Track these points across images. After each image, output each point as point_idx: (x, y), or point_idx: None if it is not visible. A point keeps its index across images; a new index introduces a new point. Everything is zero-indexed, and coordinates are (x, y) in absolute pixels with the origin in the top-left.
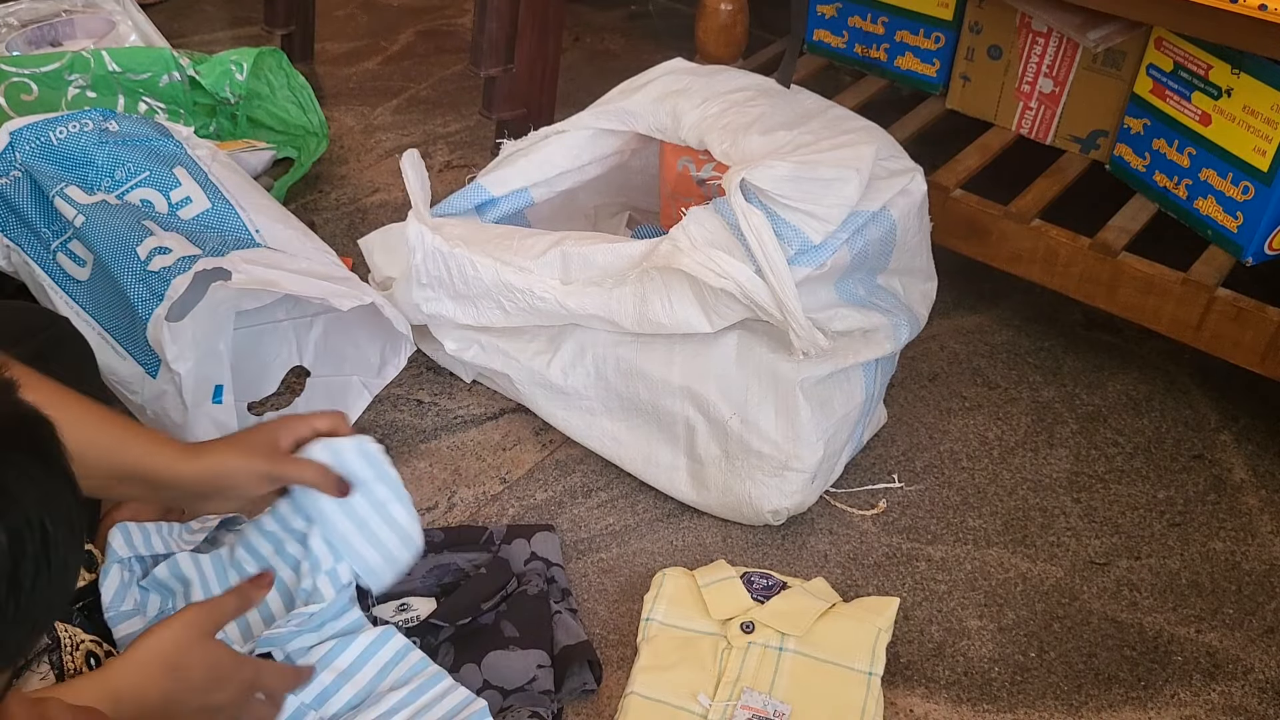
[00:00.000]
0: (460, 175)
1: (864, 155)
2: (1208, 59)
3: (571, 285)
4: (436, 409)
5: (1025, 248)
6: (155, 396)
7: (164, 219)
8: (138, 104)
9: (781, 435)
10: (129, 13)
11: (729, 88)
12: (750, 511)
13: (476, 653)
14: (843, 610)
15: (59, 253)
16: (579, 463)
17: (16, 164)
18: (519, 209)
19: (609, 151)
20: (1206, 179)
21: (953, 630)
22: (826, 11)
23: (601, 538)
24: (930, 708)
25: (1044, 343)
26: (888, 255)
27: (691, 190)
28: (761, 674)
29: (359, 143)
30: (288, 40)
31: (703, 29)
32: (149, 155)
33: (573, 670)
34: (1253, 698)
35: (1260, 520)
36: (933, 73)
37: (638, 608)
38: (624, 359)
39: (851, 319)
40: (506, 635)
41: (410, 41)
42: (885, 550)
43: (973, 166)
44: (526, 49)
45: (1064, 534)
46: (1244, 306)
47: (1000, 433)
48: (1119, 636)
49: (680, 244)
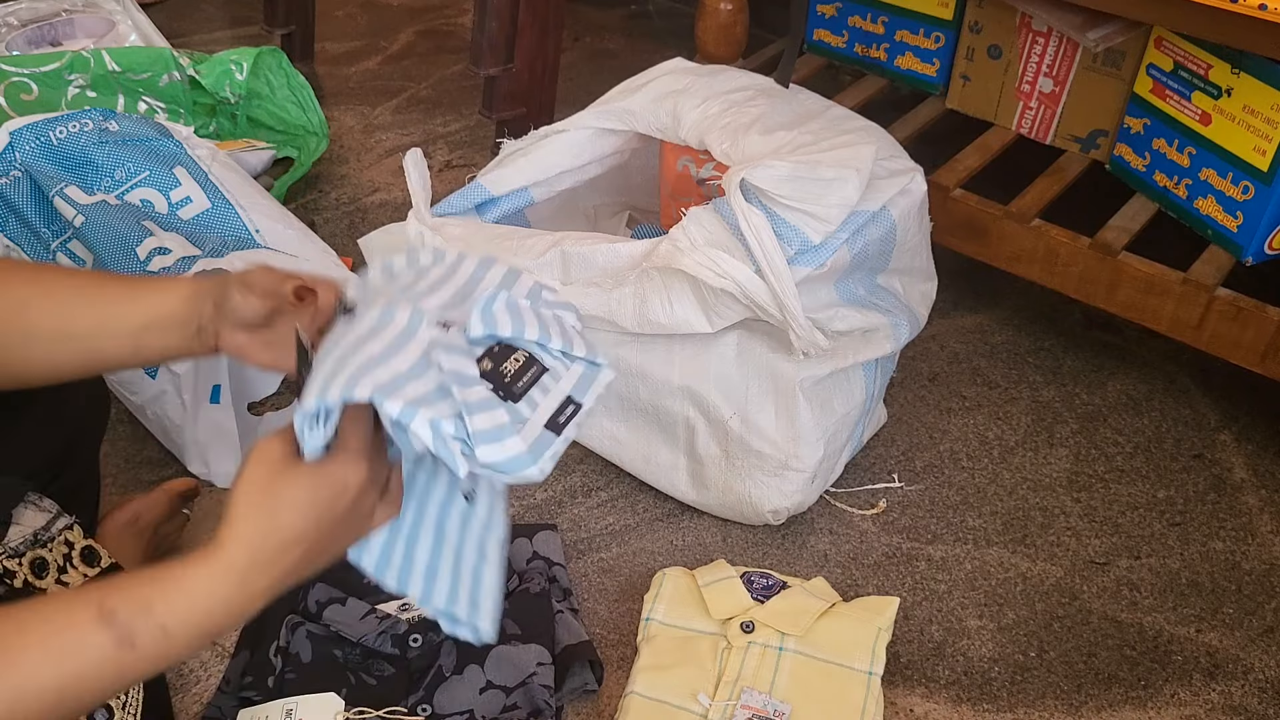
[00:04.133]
0: (460, 175)
1: (864, 155)
2: (1208, 59)
3: (571, 285)
4: None
5: (1025, 247)
6: (154, 397)
7: (164, 219)
8: (138, 104)
9: (781, 435)
10: (129, 12)
11: (729, 87)
12: (750, 511)
13: (480, 651)
14: (843, 610)
15: (59, 253)
16: (579, 462)
17: (16, 164)
18: (519, 209)
19: (609, 151)
20: (1206, 179)
21: (953, 630)
22: (826, 11)
23: (601, 537)
24: (930, 707)
25: (1044, 343)
26: (888, 255)
27: (691, 190)
28: (761, 674)
29: (359, 142)
30: (288, 40)
31: (703, 29)
32: (149, 155)
33: (574, 670)
34: (1253, 697)
35: (1260, 520)
36: (933, 72)
37: (638, 607)
38: (624, 359)
39: (851, 319)
40: (508, 632)
41: (410, 41)
42: (885, 550)
43: (973, 166)
44: (526, 48)
45: (1064, 534)
46: (1244, 306)
47: (1000, 432)
48: (1119, 636)
49: (680, 244)
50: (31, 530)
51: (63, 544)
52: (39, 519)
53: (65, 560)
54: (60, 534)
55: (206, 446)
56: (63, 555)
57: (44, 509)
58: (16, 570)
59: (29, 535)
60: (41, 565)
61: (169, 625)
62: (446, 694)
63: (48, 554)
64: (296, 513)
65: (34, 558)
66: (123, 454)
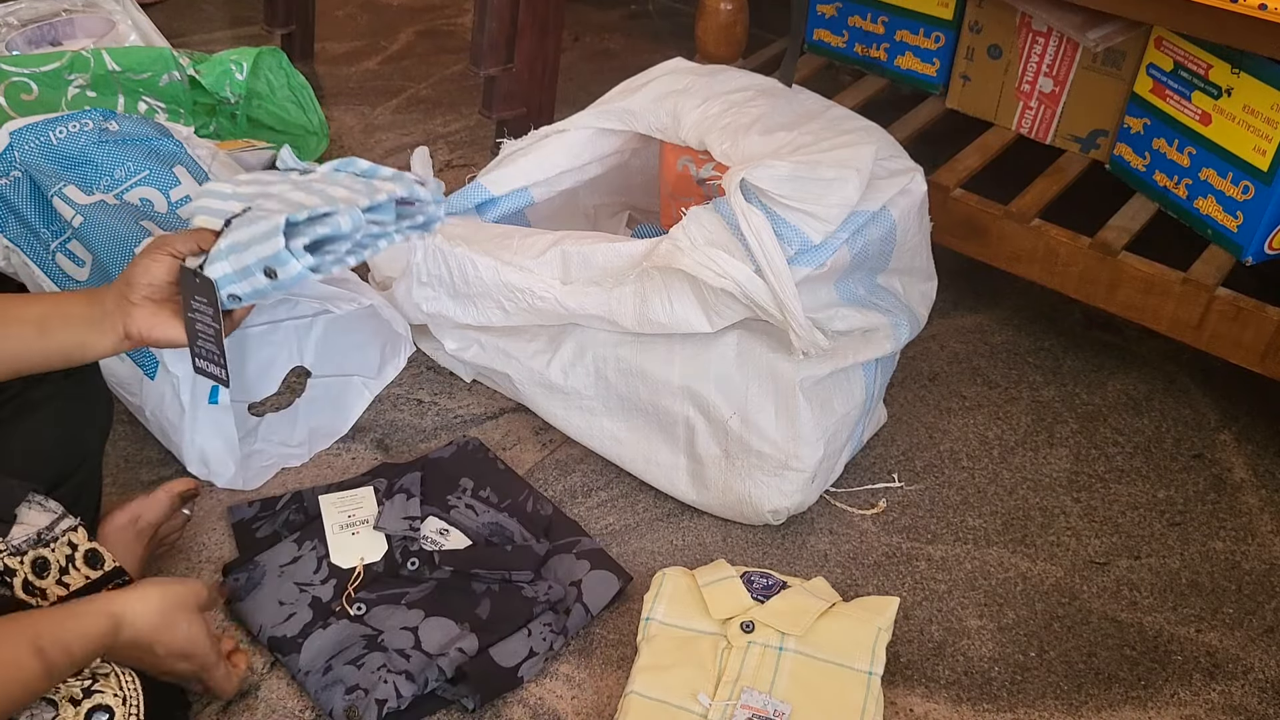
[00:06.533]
0: (460, 175)
1: (864, 155)
2: (1208, 59)
3: (571, 285)
4: (436, 409)
5: (1025, 247)
6: (154, 398)
7: (163, 218)
8: (138, 103)
9: (781, 435)
10: (129, 12)
11: (729, 88)
12: (750, 511)
13: (440, 607)
14: (843, 610)
15: (58, 253)
16: (579, 462)
17: (16, 164)
18: (519, 208)
19: (609, 151)
20: (1206, 178)
21: (953, 630)
22: (826, 11)
23: (601, 537)
24: (930, 707)
25: (1044, 342)
26: (888, 255)
27: (691, 190)
28: (761, 673)
29: (359, 142)
30: (288, 40)
31: (703, 29)
32: (149, 155)
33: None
34: (1253, 697)
35: (1260, 520)
36: (933, 72)
37: (638, 607)
38: (624, 359)
39: (851, 319)
40: (476, 612)
41: (410, 41)
42: (885, 550)
43: (973, 166)
44: (526, 48)
45: (1064, 534)
46: (1244, 306)
47: (1000, 432)
48: (1119, 636)
49: (680, 244)
50: (35, 529)
51: (66, 545)
52: (43, 518)
53: (68, 561)
54: (64, 535)
55: (206, 446)
56: (65, 556)
57: (48, 509)
58: (18, 569)
59: (32, 534)
60: (43, 565)
61: (76, 659)
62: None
63: (50, 554)
64: (185, 641)
65: (36, 557)
66: (123, 454)
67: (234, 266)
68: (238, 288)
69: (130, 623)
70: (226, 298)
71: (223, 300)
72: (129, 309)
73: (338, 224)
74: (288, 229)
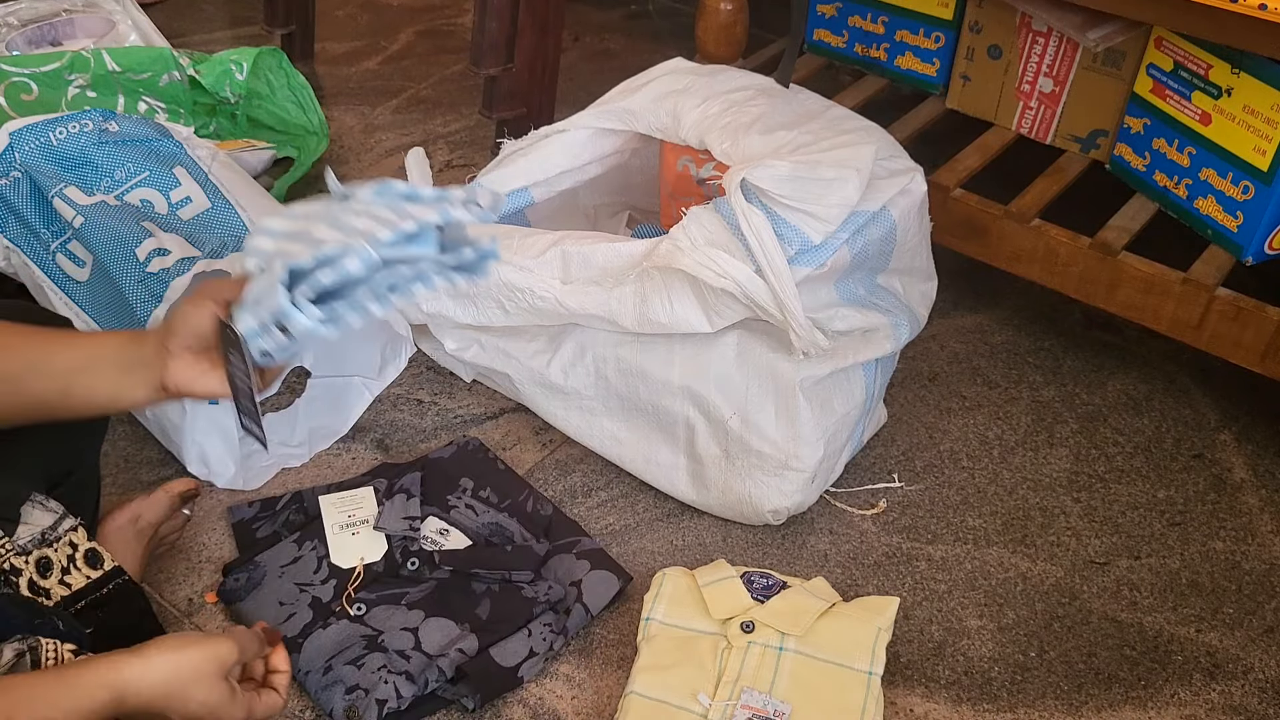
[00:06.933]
0: (460, 175)
1: (864, 155)
2: (1208, 59)
3: (571, 284)
4: (436, 409)
5: (1025, 247)
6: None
7: (164, 219)
8: (138, 104)
9: (781, 435)
10: (129, 12)
11: (729, 87)
12: (750, 511)
13: (440, 608)
14: (843, 610)
15: (58, 254)
16: (579, 462)
17: (16, 165)
18: (519, 208)
19: (609, 151)
20: (1206, 179)
21: (953, 630)
22: (826, 11)
23: (601, 537)
24: (930, 707)
25: (1044, 342)
26: (888, 255)
27: (691, 190)
28: (761, 674)
29: (359, 142)
30: (288, 40)
31: (703, 28)
32: (149, 155)
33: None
34: (1253, 697)
35: (1260, 520)
36: (933, 72)
37: (638, 607)
38: (624, 359)
39: (851, 319)
40: (476, 612)
41: (410, 41)
42: (885, 550)
43: (973, 166)
44: (526, 48)
45: (1064, 534)
46: (1244, 306)
47: (1000, 432)
48: (1119, 636)
49: (680, 243)
50: (39, 529)
51: (67, 545)
52: (46, 519)
53: (69, 561)
54: (65, 535)
55: (206, 446)
56: (67, 556)
57: (50, 509)
58: (23, 569)
59: (36, 534)
60: (46, 565)
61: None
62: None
63: (53, 554)
64: (202, 709)
65: (40, 557)
66: (123, 454)
67: (256, 320)
68: (265, 343)
69: (136, 692)
70: (259, 354)
71: (254, 357)
72: (167, 359)
73: (344, 269)
74: (290, 278)
